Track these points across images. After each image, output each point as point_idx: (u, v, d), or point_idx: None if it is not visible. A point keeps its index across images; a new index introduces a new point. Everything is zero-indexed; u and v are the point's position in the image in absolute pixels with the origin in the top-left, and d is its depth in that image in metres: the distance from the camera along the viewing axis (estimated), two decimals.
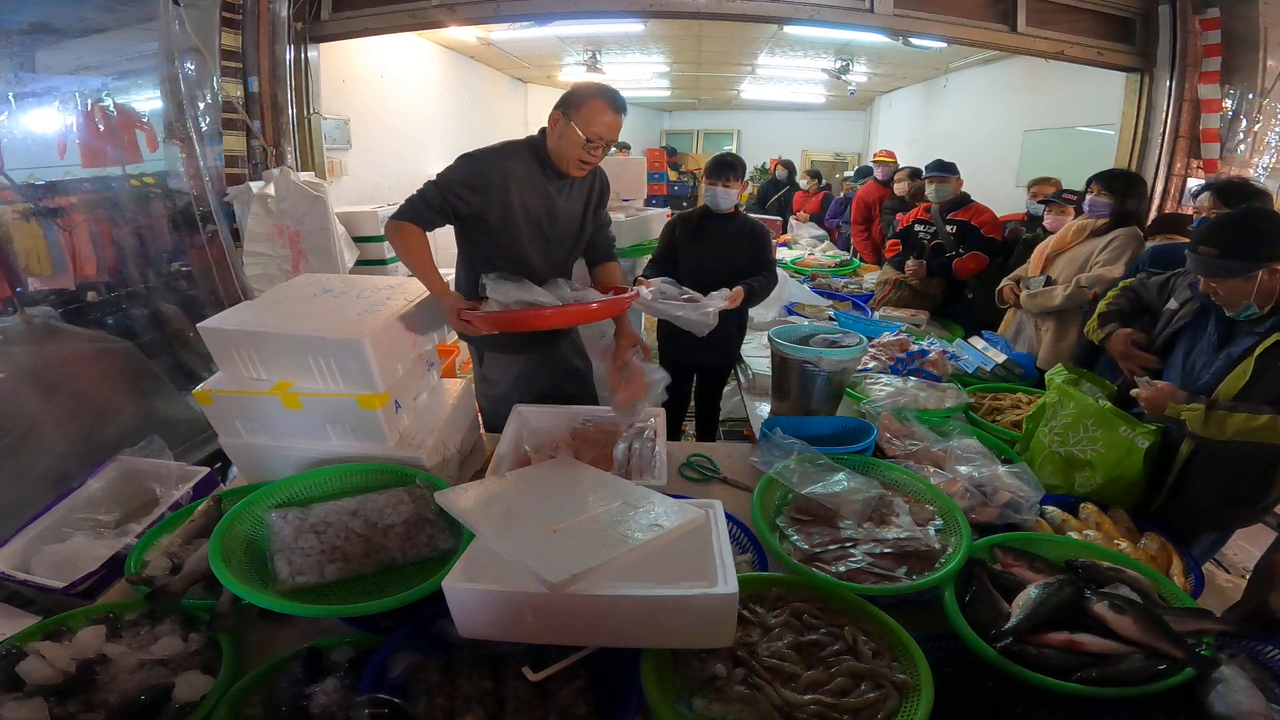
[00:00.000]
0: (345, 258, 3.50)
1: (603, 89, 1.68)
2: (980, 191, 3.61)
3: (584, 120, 1.65)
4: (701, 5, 3.49)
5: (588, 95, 1.66)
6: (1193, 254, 1.44)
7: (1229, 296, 1.40)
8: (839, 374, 1.92)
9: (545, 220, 1.79)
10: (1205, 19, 3.42)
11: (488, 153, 1.72)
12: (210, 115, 3.03)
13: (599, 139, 1.67)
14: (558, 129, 1.69)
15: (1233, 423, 1.33)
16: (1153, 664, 0.97)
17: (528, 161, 1.73)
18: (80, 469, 1.58)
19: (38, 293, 2.38)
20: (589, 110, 1.64)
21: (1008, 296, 2.76)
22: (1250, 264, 1.34)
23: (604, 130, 1.67)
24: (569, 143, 1.68)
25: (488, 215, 1.71)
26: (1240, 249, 1.35)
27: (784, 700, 0.93)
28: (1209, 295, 1.46)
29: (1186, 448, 1.49)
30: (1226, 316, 1.46)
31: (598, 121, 1.65)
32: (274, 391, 1.43)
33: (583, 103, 1.65)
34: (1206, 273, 1.41)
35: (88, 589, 1.23)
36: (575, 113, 1.65)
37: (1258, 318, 1.41)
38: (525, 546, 1.00)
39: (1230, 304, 1.42)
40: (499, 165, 1.69)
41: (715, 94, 9.46)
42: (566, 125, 1.66)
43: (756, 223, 2.54)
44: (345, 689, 0.95)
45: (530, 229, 1.76)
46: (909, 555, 1.22)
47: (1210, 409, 1.35)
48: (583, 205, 1.88)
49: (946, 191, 3.38)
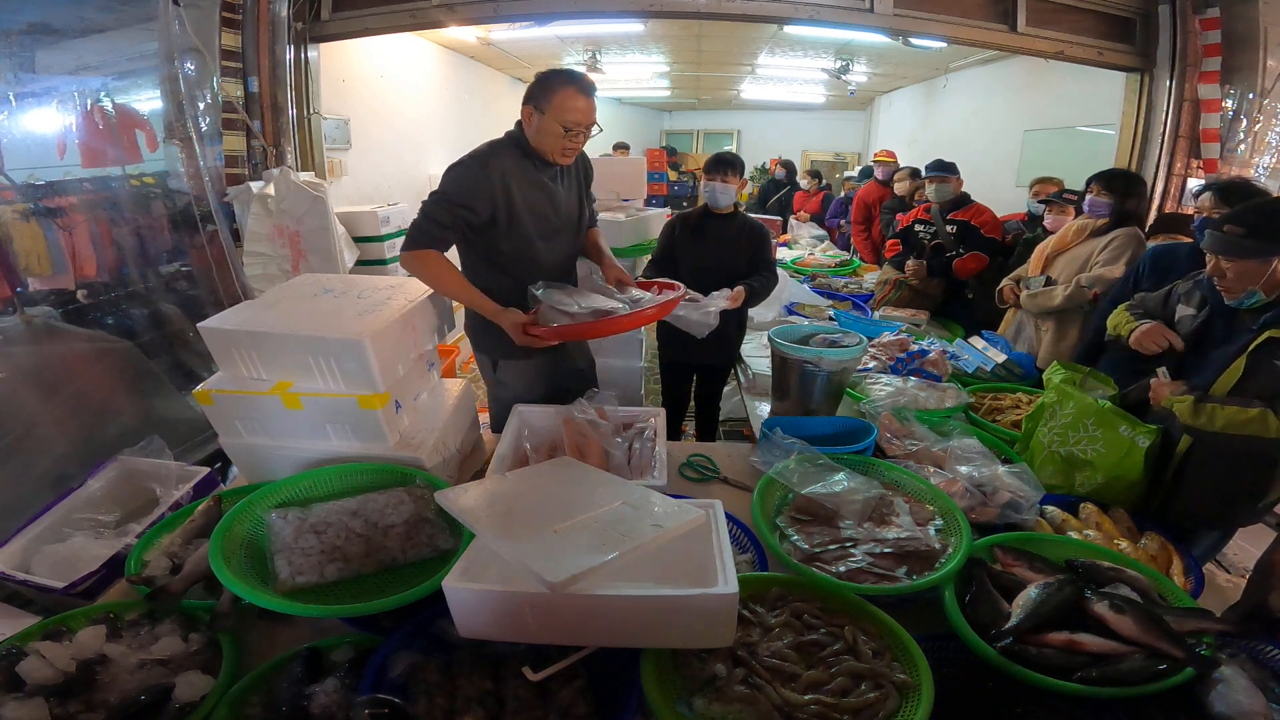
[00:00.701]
0: (345, 258, 3.49)
1: (568, 75, 1.67)
2: (980, 191, 3.61)
3: (557, 111, 1.63)
4: (701, 5, 3.49)
5: (555, 85, 1.64)
6: (1215, 232, 1.43)
7: (1237, 280, 1.40)
8: (839, 374, 1.92)
9: (550, 212, 1.79)
10: (1205, 19, 3.42)
11: (477, 156, 1.70)
12: (210, 115, 3.03)
13: (576, 125, 1.66)
14: (533, 124, 1.68)
15: (1222, 414, 1.34)
16: (1153, 664, 0.97)
17: (516, 157, 1.72)
18: (80, 469, 1.58)
19: (38, 293, 2.38)
20: (560, 100, 1.63)
21: (1008, 296, 2.76)
22: (1273, 248, 1.34)
23: (579, 116, 1.65)
24: (547, 134, 1.67)
25: (497, 218, 1.70)
26: (1269, 232, 1.35)
27: (784, 700, 0.93)
28: (1214, 280, 1.45)
29: (1184, 445, 1.50)
30: (1228, 314, 1.46)
31: (570, 109, 1.64)
32: (274, 391, 1.43)
33: (552, 94, 1.63)
34: (1227, 251, 1.40)
35: (88, 589, 1.23)
36: (547, 104, 1.64)
37: (1258, 308, 1.41)
38: (525, 546, 1.00)
39: (1235, 289, 1.41)
40: (493, 166, 1.68)
41: (715, 94, 9.46)
42: (541, 118, 1.65)
43: (756, 222, 2.53)
44: (345, 689, 0.95)
45: (536, 223, 1.76)
46: (909, 555, 1.22)
47: (1200, 401, 1.37)
48: (577, 188, 1.88)
49: (946, 191, 3.38)
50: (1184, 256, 2.02)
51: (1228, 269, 1.41)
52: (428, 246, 1.65)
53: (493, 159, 1.69)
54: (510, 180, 1.69)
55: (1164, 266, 2.05)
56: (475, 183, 1.66)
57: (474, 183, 1.66)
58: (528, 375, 1.92)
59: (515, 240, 1.74)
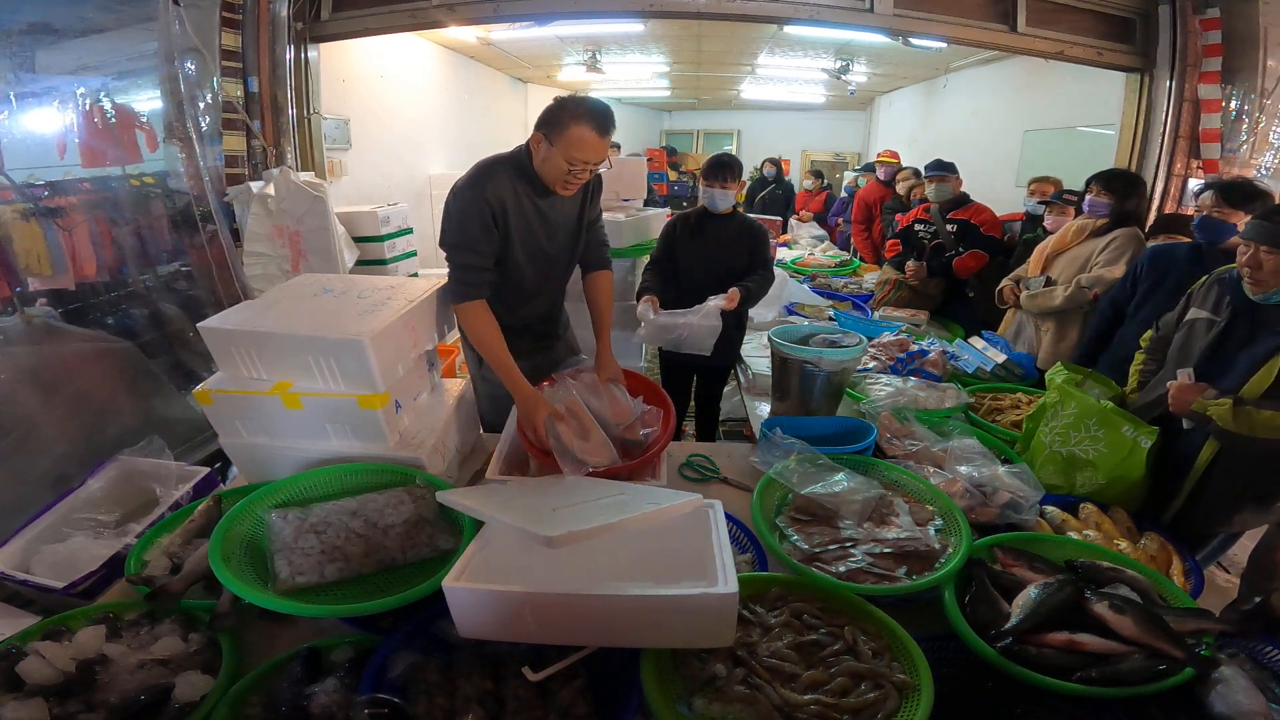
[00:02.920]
0: (345, 258, 3.49)
1: (588, 110, 1.56)
2: (980, 191, 3.61)
3: (566, 145, 1.56)
4: (701, 5, 3.49)
5: (570, 119, 1.55)
6: (1258, 220, 1.41)
7: (1273, 274, 1.37)
8: (839, 374, 1.93)
9: (544, 239, 1.75)
10: (1205, 19, 3.41)
11: (473, 184, 1.62)
12: (210, 115, 3.03)
13: (584, 164, 1.59)
14: (541, 151, 1.61)
15: (1262, 418, 1.32)
16: (1153, 664, 0.97)
17: (513, 178, 1.65)
18: (80, 469, 1.59)
19: (38, 293, 2.38)
20: (572, 136, 1.55)
21: (1008, 297, 2.76)
22: None
23: (589, 155, 1.58)
24: (552, 166, 1.60)
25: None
26: None
27: (784, 700, 0.93)
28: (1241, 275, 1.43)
29: (1209, 452, 1.46)
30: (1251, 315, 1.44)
31: (580, 147, 1.56)
32: (274, 391, 1.43)
33: (566, 128, 1.55)
34: (1269, 240, 1.36)
35: (88, 589, 1.23)
36: (557, 137, 1.56)
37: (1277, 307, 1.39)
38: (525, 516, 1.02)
39: (1267, 283, 1.39)
40: (489, 192, 1.62)
41: (715, 94, 9.45)
42: (549, 149, 1.58)
43: (755, 222, 2.54)
44: (345, 689, 0.95)
45: (528, 251, 1.73)
46: (909, 555, 1.22)
47: (1238, 404, 1.34)
48: (577, 207, 1.82)
49: (946, 191, 3.38)
50: (1182, 256, 2.02)
51: (1265, 260, 1.38)
52: (478, 297, 1.63)
53: (489, 185, 1.62)
54: (505, 206, 1.64)
55: (1162, 267, 2.04)
56: (486, 209, 1.62)
57: (485, 210, 1.61)
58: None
59: (503, 266, 1.71)
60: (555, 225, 1.77)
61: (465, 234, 1.62)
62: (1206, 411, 1.38)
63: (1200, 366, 1.49)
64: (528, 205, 1.68)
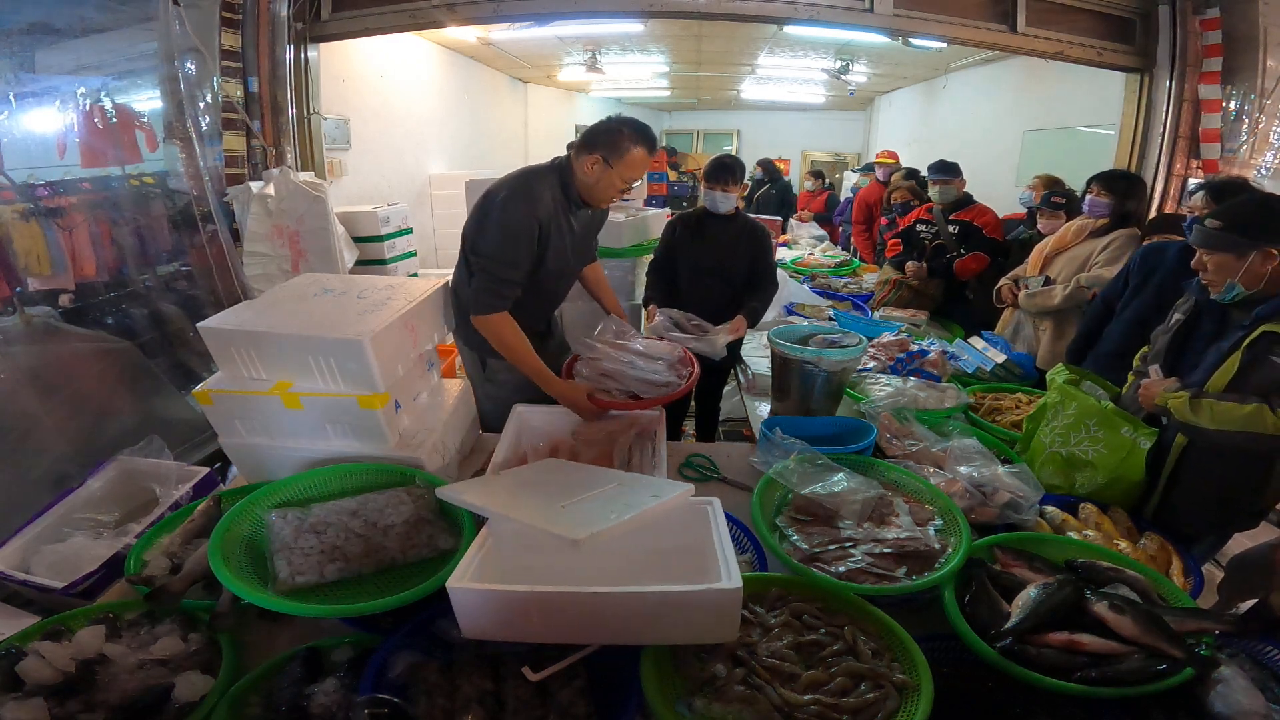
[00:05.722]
0: (345, 258, 3.49)
1: (643, 136, 1.69)
2: (980, 191, 3.61)
3: (627, 168, 1.68)
4: (701, 5, 3.49)
5: (628, 144, 1.67)
6: (1198, 225, 1.47)
7: (1216, 273, 1.43)
8: (839, 374, 1.92)
9: (571, 251, 1.82)
10: (1205, 19, 3.41)
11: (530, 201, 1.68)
12: (210, 115, 3.03)
13: (635, 182, 1.74)
14: (595, 173, 1.69)
15: (1218, 410, 1.35)
16: (1153, 664, 0.97)
17: (556, 193, 1.73)
18: (80, 469, 1.59)
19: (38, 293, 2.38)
20: (632, 160, 1.68)
21: (1005, 296, 2.76)
22: (1247, 242, 1.37)
23: (640, 174, 1.74)
24: (609, 186, 1.71)
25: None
26: (1244, 227, 1.38)
27: (784, 700, 0.93)
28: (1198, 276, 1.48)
29: (1178, 445, 1.50)
30: (1217, 311, 1.48)
31: (639, 169, 1.71)
32: (274, 391, 1.43)
33: (626, 153, 1.67)
34: (1205, 244, 1.44)
35: (87, 589, 1.23)
36: (619, 162, 1.67)
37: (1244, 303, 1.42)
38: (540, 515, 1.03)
39: (1216, 282, 1.45)
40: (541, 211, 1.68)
41: (715, 94, 9.45)
42: (607, 171, 1.68)
43: (757, 224, 2.53)
44: (345, 689, 0.95)
45: (559, 264, 1.79)
46: (909, 555, 1.22)
47: (1195, 397, 1.38)
48: (598, 219, 1.93)
49: (950, 193, 3.38)
50: (1172, 255, 2.03)
51: (1207, 261, 1.45)
52: (503, 308, 1.68)
53: (539, 203, 1.69)
54: (549, 222, 1.71)
55: (1151, 264, 2.06)
56: (529, 228, 1.67)
57: (528, 228, 1.67)
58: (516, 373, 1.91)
59: (534, 278, 1.75)
60: (579, 237, 1.84)
61: (509, 249, 1.66)
62: (1166, 404, 1.43)
63: (1171, 362, 1.54)
64: (563, 220, 1.75)
